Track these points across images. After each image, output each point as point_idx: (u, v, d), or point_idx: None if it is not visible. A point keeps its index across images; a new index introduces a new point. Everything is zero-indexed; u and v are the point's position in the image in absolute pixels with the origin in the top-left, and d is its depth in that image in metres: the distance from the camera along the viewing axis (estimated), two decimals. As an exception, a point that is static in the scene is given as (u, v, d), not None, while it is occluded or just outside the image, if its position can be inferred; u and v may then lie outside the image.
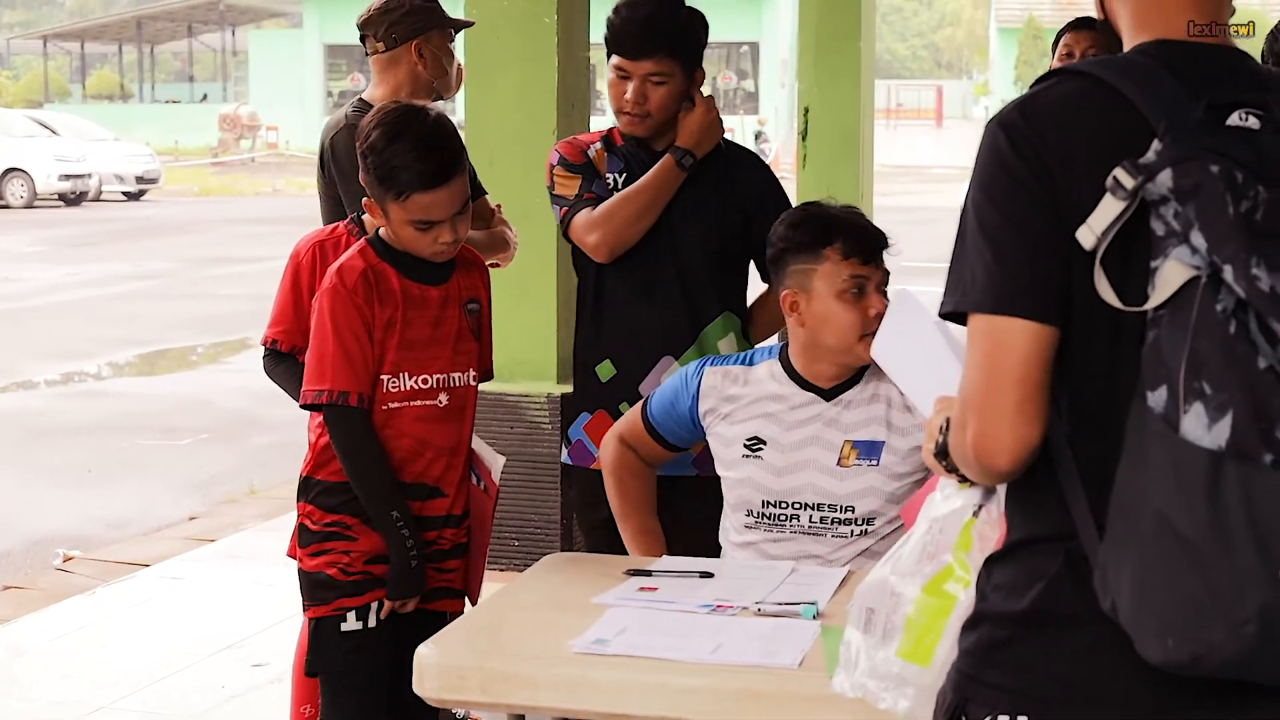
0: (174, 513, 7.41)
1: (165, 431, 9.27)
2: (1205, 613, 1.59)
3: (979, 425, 1.76)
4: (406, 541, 3.19)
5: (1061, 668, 1.76)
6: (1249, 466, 1.57)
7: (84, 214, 25.39)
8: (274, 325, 3.69)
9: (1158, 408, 1.62)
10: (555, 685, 2.60)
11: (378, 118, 3.19)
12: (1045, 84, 1.82)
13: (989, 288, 1.75)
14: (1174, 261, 1.63)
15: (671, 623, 2.74)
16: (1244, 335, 1.59)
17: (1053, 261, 1.74)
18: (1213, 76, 1.78)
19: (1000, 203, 1.77)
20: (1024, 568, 1.81)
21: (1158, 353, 1.64)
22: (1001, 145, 1.79)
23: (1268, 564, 1.57)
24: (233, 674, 4.89)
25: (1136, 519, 1.64)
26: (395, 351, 3.22)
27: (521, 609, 2.92)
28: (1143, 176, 1.66)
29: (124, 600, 5.77)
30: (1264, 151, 1.67)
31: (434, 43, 4.18)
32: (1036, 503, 1.81)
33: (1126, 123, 1.74)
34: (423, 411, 3.26)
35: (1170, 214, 1.64)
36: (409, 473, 3.26)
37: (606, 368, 3.75)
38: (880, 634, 2.05)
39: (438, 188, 3.15)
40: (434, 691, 2.67)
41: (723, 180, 3.76)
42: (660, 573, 3.02)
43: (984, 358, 1.76)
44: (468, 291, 3.34)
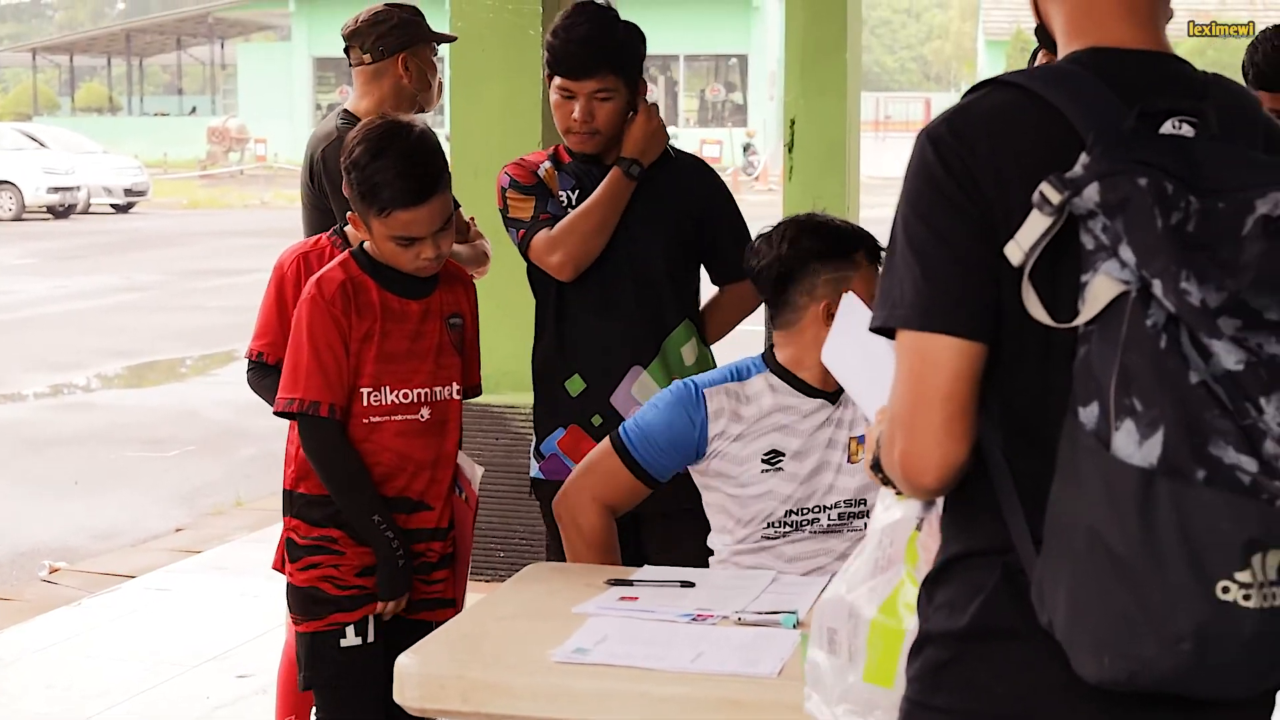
0: (160, 524, 7.41)
1: (152, 443, 9.27)
2: (1138, 630, 1.58)
3: (906, 443, 1.75)
4: (392, 543, 3.21)
5: (1004, 684, 1.75)
6: (1181, 484, 1.55)
7: (72, 226, 25.37)
8: (259, 338, 3.70)
9: (1089, 424, 1.60)
10: (535, 694, 2.60)
11: (362, 133, 3.21)
12: (975, 95, 1.79)
13: (916, 304, 1.73)
14: (1103, 276, 1.61)
15: (652, 632, 2.74)
16: (1175, 350, 1.57)
17: (981, 277, 1.72)
18: (1147, 84, 1.75)
19: (928, 217, 1.75)
20: (962, 584, 1.79)
21: (1088, 368, 1.62)
22: (929, 159, 1.76)
23: (1201, 581, 1.56)
24: (218, 685, 4.89)
25: (1070, 536, 1.62)
26: (374, 364, 3.23)
27: (502, 618, 2.92)
28: (1069, 191, 1.63)
29: (110, 611, 5.77)
30: (1197, 160, 1.65)
31: (420, 56, 4.20)
32: (972, 517, 1.79)
33: (1057, 135, 1.72)
34: (404, 426, 3.27)
35: (1099, 228, 1.62)
36: (391, 487, 3.27)
37: (576, 382, 3.75)
38: (846, 655, 2.04)
39: (420, 205, 3.17)
40: (414, 701, 2.68)
41: (673, 189, 3.80)
42: (641, 582, 3.03)
43: (911, 374, 1.74)
44: (450, 306, 3.35)
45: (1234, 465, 1.56)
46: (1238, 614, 1.55)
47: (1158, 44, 1.82)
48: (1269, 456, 1.56)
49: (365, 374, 3.23)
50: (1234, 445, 1.56)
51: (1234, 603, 1.55)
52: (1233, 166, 1.65)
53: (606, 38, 3.70)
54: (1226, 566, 1.55)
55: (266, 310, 3.70)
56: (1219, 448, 1.55)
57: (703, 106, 42.65)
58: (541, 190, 3.76)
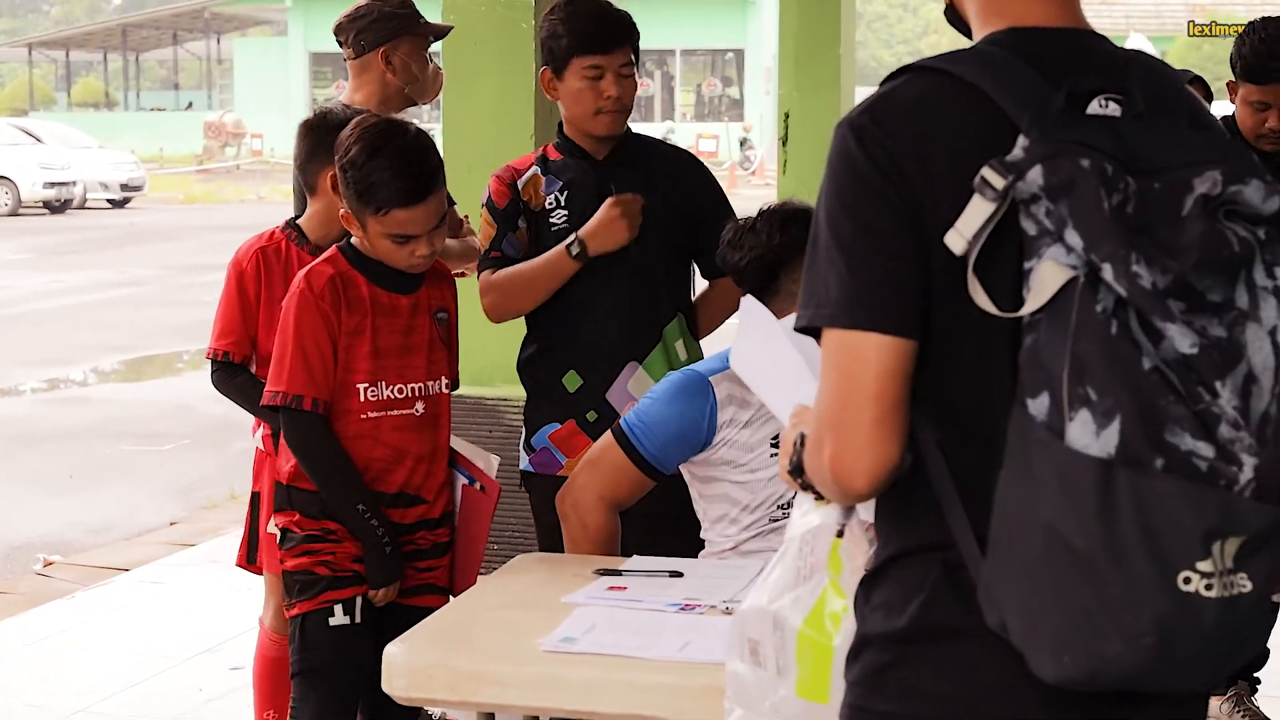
0: (155, 518, 7.42)
1: (148, 437, 9.27)
2: (1101, 627, 1.54)
3: (835, 446, 1.68)
4: (377, 530, 3.22)
5: (949, 684, 1.69)
6: (1139, 473, 1.51)
7: (69, 222, 25.35)
8: (221, 337, 3.68)
9: (1040, 415, 1.54)
10: (523, 683, 2.62)
11: (356, 132, 3.21)
12: (895, 82, 1.73)
13: (843, 301, 1.66)
14: (1050, 262, 1.55)
15: (640, 621, 2.76)
16: (1126, 336, 1.52)
17: (909, 271, 1.66)
18: (1069, 63, 1.70)
19: (853, 210, 1.68)
20: (901, 583, 1.73)
21: (1036, 358, 1.56)
22: (852, 149, 1.69)
23: (1163, 573, 1.51)
24: (210, 677, 4.90)
25: (1024, 533, 1.56)
26: (369, 360, 3.25)
27: (490, 608, 2.94)
28: (1013, 175, 1.57)
29: (103, 604, 5.79)
30: (1128, 140, 1.60)
31: (403, 49, 4.19)
32: (909, 515, 1.73)
33: (984, 119, 1.66)
34: (400, 420, 3.29)
35: (1042, 212, 1.56)
36: (392, 483, 3.29)
37: (573, 378, 3.75)
38: (774, 669, 1.95)
39: (417, 204, 3.18)
40: (402, 690, 2.69)
41: (667, 184, 3.81)
42: (629, 572, 3.04)
43: (839, 374, 1.67)
44: (437, 301, 3.37)
45: (1190, 452, 1.51)
46: (1200, 605, 1.52)
47: (1076, 21, 1.78)
48: (1224, 441, 1.52)
49: (361, 370, 3.25)
50: (1190, 431, 1.51)
51: (1195, 593, 1.51)
52: (1164, 145, 1.61)
53: (620, 12, 3.74)
54: (1188, 557, 1.51)
55: (227, 308, 3.68)
56: (1175, 434, 1.51)
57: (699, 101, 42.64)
58: (508, 216, 3.75)
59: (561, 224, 3.76)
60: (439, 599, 3.38)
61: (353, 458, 3.26)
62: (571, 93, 3.71)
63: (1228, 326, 1.55)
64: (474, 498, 3.44)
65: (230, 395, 3.72)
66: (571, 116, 3.75)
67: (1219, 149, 1.62)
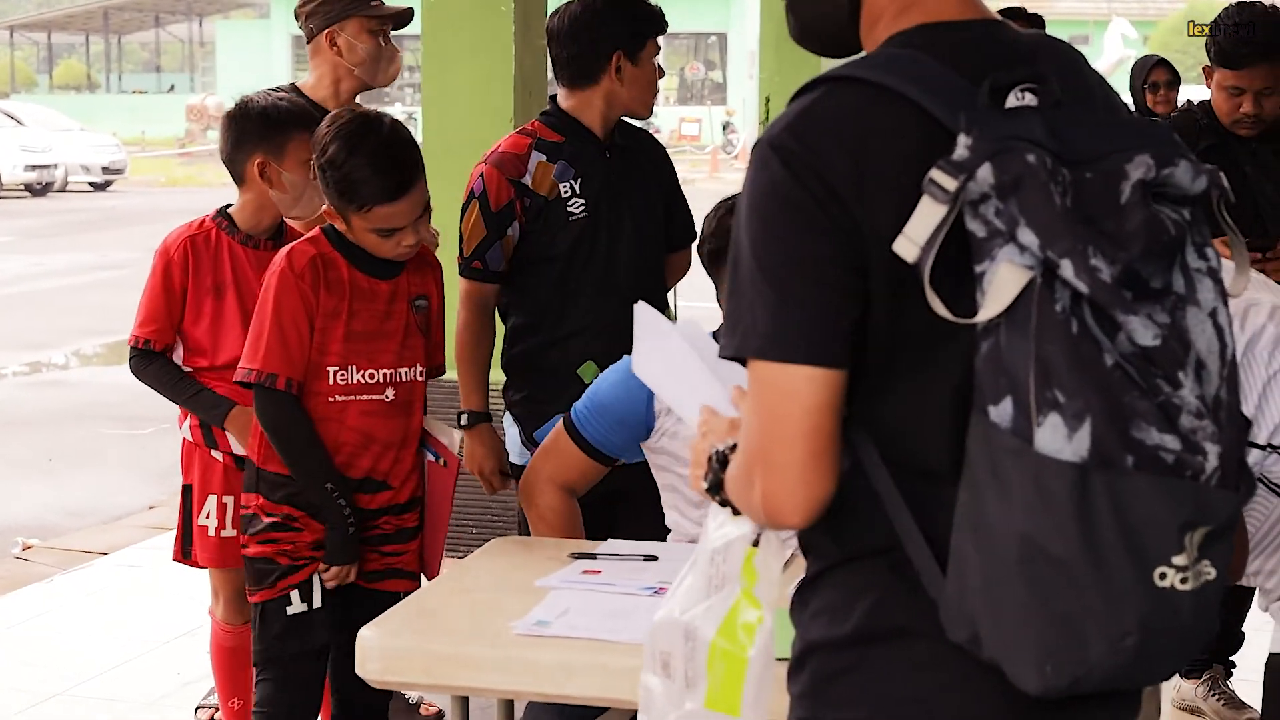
0: (134, 501, 7.40)
1: (127, 421, 9.25)
2: (1083, 633, 1.50)
3: (766, 483, 1.61)
4: (344, 510, 3.22)
5: (901, 685, 1.64)
6: (1113, 474, 1.47)
7: (50, 204, 25.26)
8: (144, 325, 3.65)
9: (1004, 422, 1.49)
10: (497, 667, 2.62)
11: (334, 130, 3.20)
12: (813, 96, 1.64)
13: (773, 333, 1.58)
14: (1006, 264, 1.50)
15: (613, 605, 2.76)
16: (1087, 334, 1.48)
17: (843, 299, 1.59)
18: (981, 57, 1.65)
19: (782, 238, 1.59)
20: (844, 588, 1.68)
21: (997, 364, 1.50)
22: (776, 172, 1.60)
23: (1142, 571, 1.49)
24: (188, 660, 4.89)
25: (996, 545, 1.51)
26: (342, 343, 3.25)
27: (465, 591, 2.94)
28: (964, 175, 1.51)
29: (82, 588, 5.78)
30: (1054, 130, 1.56)
31: (349, 31, 4.22)
32: (848, 523, 1.66)
33: (912, 125, 1.60)
34: (369, 406, 3.29)
35: (991, 212, 1.51)
36: (357, 468, 3.30)
37: (589, 369, 3.70)
38: (682, 681, 1.89)
39: (399, 199, 3.19)
40: (376, 674, 2.69)
41: (652, 168, 3.87)
42: (604, 555, 3.05)
43: (768, 409, 1.60)
44: (417, 288, 3.37)
45: (1157, 446, 1.49)
46: (1176, 599, 1.50)
47: (979, 12, 1.73)
48: (1186, 431, 1.50)
49: (333, 353, 3.25)
50: (1155, 425, 1.49)
51: (1171, 588, 1.50)
52: (1088, 132, 1.57)
53: None
54: (1164, 552, 1.49)
55: (152, 296, 3.65)
56: (1141, 430, 1.48)
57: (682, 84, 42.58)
58: (503, 219, 3.70)
59: (580, 214, 3.73)
60: (407, 583, 3.39)
61: None
62: (645, 75, 3.75)
63: (1169, 312, 1.53)
64: (437, 474, 3.44)
65: (147, 382, 3.71)
66: (631, 99, 3.75)
67: (1141, 132, 1.59)
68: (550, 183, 3.72)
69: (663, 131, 34.03)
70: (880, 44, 1.71)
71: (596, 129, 3.77)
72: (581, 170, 3.74)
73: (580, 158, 3.75)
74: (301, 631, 3.28)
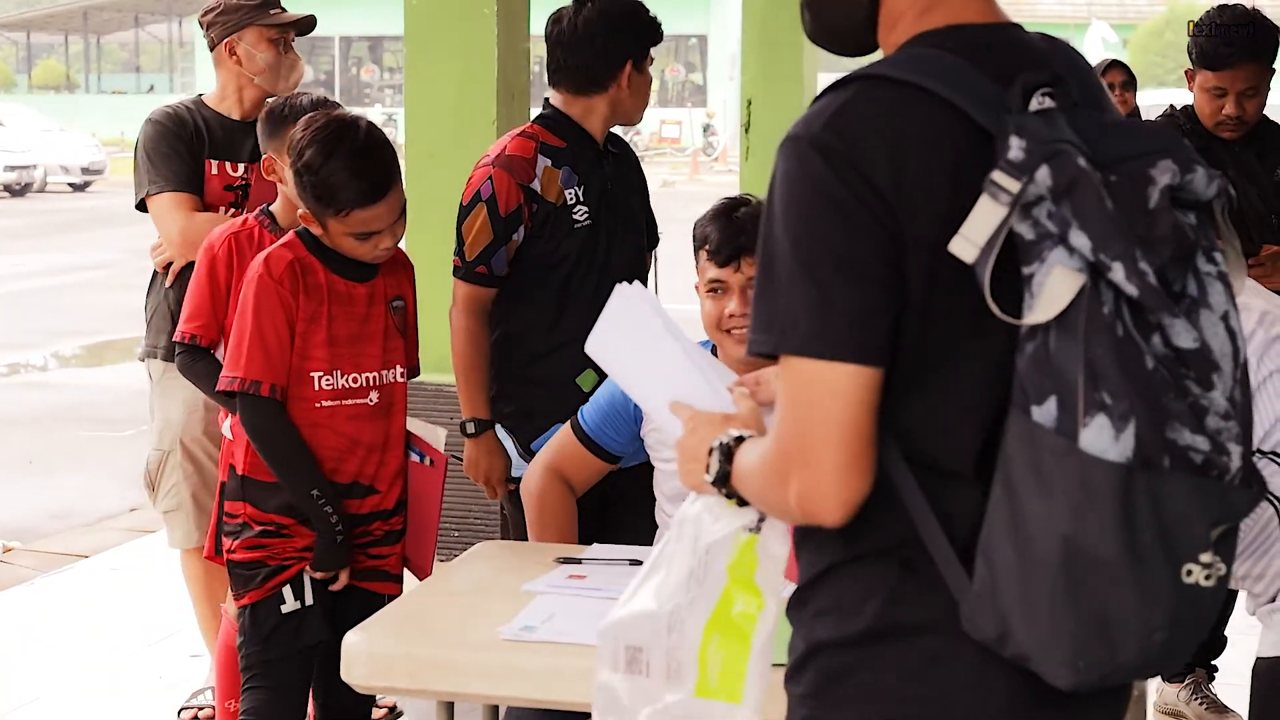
0: (115, 504, 7.38)
1: (108, 423, 9.22)
2: (1120, 630, 1.54)
3: (805, 481, 1.61)
4: (331, 518, 3.22)
5: (914, 682, 1.65)
6: (1154, 474, 1.50)
7: (29, 205, 25.17)
8: (191, 320, 3.65)
9: (1048, 422, 1.51)
10: (483, 672, 2.62)
11: (309, 135, 3.19)
12: (846, 92, 1.64)
13: (813, 331, 1.59)
14: (1059, 268, 1.51)
15: (600, 610, 2.72)
16: (1130, 337, 1.51)
17: (884, 297, 1.59)
18: (1004, 59, 1.66)
19: (824, 237, 1.59)
20: (852, 586, 1.68)
21: (1043, 364, 1.52)
22: (819, 169, 1.60)
23: (1174, 569, 1.53)
24: (171, 664, 4.89)
25: (1035, 545, 1.53)
26: (324, 348, 3.24)
27: (450, 596, 2.94)
28: (1025, 177, 1.52)
29: (63, 591, 5.76)
30: (1079, 132, 1.58)
31: (248, 40, 4.27)
32: (862, 523, 1.65)
33: (948, 125, 1.61)
34: (355, 410, 3.29)
35: (1044, 214, 1.53)
36: (345, 472, 3.29)
37: (589, 377, 3.67)
38: (662, 674, 1.87)
39: (377, 203, 3.18)
40: (362, 679, 2.69)
41: (635, 176, 3.90)
42: (590, 560, 3.05)
43: (808, 406, 1.60)
44: (393, 289, 3.37)
45: (1189, 446, 1.52)
46: (1199, 595, 1.55)
47: (998, 15, 1.74)
48: (1213, 432, 1.54)
49: (316, 358, 3.24)
50: (1188, 426, 1.52)
51: (1196, 584, 1.54)
52: (1108, 136, 1.59)
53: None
54: (1194, 550, 1.53)
55: (199, 292, 3.65)
56: (1175, 430, 1.52)
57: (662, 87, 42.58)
58: (511, 224, 3.66)
59: (584, 220, 3.71)
60: (391, 586, 3.38)
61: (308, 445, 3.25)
62: (647, 84, 3.79)
63: (1187, 315, 1.55)
64: (423, 474, 3.43)
65: (193, 379, 3.71)
66: (633, 107, 3.77)
67: (1156, 136, 1.62)
68: (557, 189, 3.69)
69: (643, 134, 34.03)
70: (901, 45, 1.72)
71: (597, 135, 3.77)
72: (584, 177, 3.73)
73: (582, 164, 3.73)
74: (296, 629, 3.26)
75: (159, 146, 4.26)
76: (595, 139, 3.76)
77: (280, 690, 3.28)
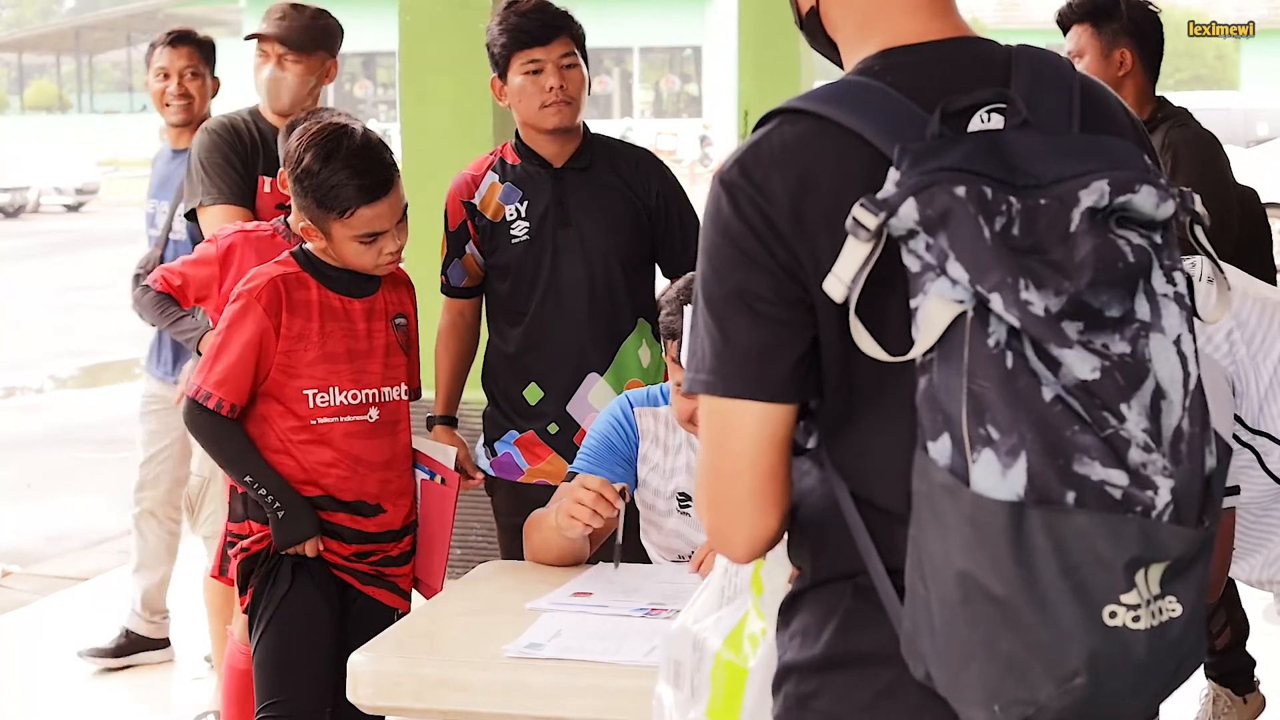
0: (113, 526, 7.34)
1: (106, 444, 9.20)
2: (1029, 673, 1.47)
3: (713, 517, 1.64)
4: (266, 498, 3.20)
5: (866, 712, 1.62)
6: (1052, 512, 1.43)
7: (23, 226, 25.15)
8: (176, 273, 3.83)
9: (942, 459, 1.47)
10: (489, 690, 2.60)
11: (306, 140, 3.19)
12: (765, 130, 1.63)
13: (717, 369, 1.60)
14: (935, 299, 1.48)
15: (605, 626, 2.74)
16: (1023, 367, 1.45)
17: (784, 335, 1.59)
18: (946, 80, 1.62)
19: (723, 273, 1.60)
20: (815, 611, 1.67)
21: (933, 400, 1.48)
22: (724, 208, 1.61)
23: (1088, 610, 1.45)
24: (172, 687, 4.87)
25: (939, 583, 1.49)
26: (317, 366, 3.22)
27: (455, 615, 2.91)
28: (885, 212, 1.49)
29: (62, 614, 5.73)
30: (1010, 154, 1.53)
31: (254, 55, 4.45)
32: (821, 546, 1.66)
33: (858, 159, 1.58)
34: (353, 428, 3.26)
35: (922, 247, 1.49)
36: (347, 491, 3.26)
37: (533, 390, 3.76)
38: (689, 691, 1.91)
39: (380, 199, 3.17)
40: (368, 699, 2.66)
41: (625, 185, 3.80)
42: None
43: (713, 443, 1.62)
44: (395, 306, 3.35)
45: (1102, 481, 1.44)
46: (1128, 638, 1.46)
47: (954, 29, 1.69)
48: (1135, 465, 1.46)
49: (307, 375, 3.22)
50: (1100, 460, 1.45)
51: (1123, 627, 1.46)
52: (1048, 156, 1.54)
53: (556, 7, 3.77)
54: (1111, 591, 1.45)
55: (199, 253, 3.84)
56: (1084, 465, 1.44)
57: (658, 98, 42.66)
58: (459, 238, 3.80)
59: (522, 236, 3.75)
60: (403, 601, 3.37)
61: (304, 465, 3.24)
62: (515, 91, 3.72)
63: (1130, 341, 1.49)
64: (434, 492, 3.41)
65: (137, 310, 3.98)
66: (522, 117, 3.75)
67: (1107, 153, 1.55)
68: (496, 205, 3.76)
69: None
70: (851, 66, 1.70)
71: (542, 150, 3.78)
72: (528, 193, 3.76)
73: (526, 179, 3.77)
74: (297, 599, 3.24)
75: (213, 157, 4.27)
76: (536, 152, 3.76)
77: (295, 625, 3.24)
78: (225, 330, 3.21)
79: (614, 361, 3.75)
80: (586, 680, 2.55)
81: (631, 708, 2.51)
